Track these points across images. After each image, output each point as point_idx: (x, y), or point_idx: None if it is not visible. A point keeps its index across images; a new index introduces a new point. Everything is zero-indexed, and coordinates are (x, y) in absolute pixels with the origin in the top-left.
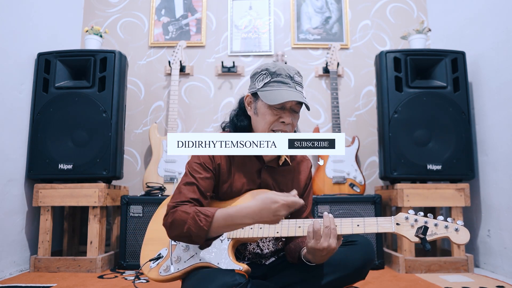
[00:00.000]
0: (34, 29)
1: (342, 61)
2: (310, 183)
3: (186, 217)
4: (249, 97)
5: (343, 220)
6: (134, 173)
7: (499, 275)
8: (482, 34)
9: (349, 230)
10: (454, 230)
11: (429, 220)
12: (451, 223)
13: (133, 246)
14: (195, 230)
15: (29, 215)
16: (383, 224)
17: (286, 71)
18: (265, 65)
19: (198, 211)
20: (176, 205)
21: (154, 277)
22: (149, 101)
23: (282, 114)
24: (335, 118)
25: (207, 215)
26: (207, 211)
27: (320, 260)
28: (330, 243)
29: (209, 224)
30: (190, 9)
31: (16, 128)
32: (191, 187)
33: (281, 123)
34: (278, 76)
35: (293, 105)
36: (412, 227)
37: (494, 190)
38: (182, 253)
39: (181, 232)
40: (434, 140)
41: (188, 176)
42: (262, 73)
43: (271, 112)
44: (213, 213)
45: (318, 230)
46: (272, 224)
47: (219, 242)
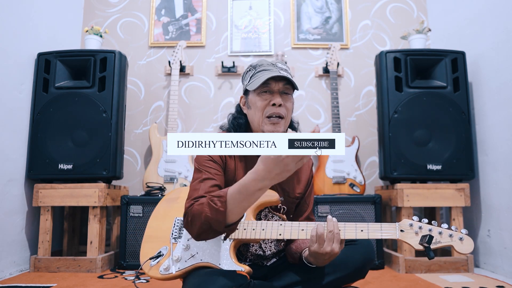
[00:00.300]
0: (34, 29)
1: (342, 61)
2: (312, 181)
3: (201, 207)
4: (242, 98)
5: (346, 224)
6: (134, 173)
7: (499, 275)
8: (482, 34)
9: (352, 235)
10: (458, 239)
11: (433, 228)
12: (455, 232)
13: (133, 246)
14: (213, 215)
15: (29, 215)
16: (387, 230)
17: (268, 61)
18: (250, 64)
19: (211, 196)
20: (193, 202)
21: (154, 275)
22: (149, 101)
23: (271, 98)
24: (335, 118)
25: (220, 196)
26: (220, 192)
27: (322, 263)
28: (333, 247)
29: (224, 204)
30: (190, 9)
31: (16, 128)
32: (208, 182)
33: (273, 106)
34: (261, 66)
35: (281, 87)
36: (416, 234)
37: (494, 190)
38: (182, 252)
39: (201, 224)
40: (434, 140)
41: (201, 172)
42: (247, 71)
43: (260, 98)
44: (226, 192)
45: (321, 235)
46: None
47: (220, 242)
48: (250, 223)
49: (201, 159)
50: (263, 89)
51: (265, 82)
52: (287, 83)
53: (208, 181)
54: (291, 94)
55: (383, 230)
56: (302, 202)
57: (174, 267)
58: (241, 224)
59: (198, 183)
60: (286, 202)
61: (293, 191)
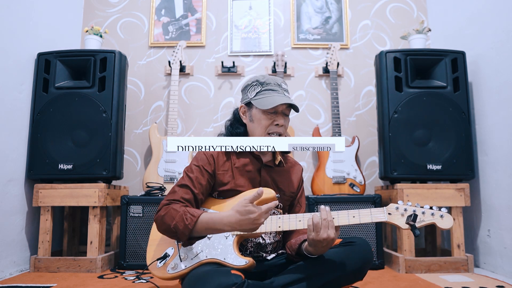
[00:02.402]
0: (34, 29)
1: (342, 61)
2: (302, 185)
3: (175, 214)
4: (243, 107)
5: (339, 212)
6: (134, 173)
7: (499, 275)
8: (482, 34)
9: (345, 221)
10: (439, 217)
11: (417, 208)
12: (436, 211)
13: (133, 246)
14: (180, 227)
15: (29, 215)
16: (376, 214)
17: (274, 80)
18: (255, 78)
19: (186, 211)
20: (169, 203)
21: (162, 275)
22: (149, 101)
23: (275, 118)
24: (335, 118)
25: (193, 215)
26: (194, 212)
27: (321, 251)
28: (329, 233)
29: (193, 223)
30: (190, 9)
31: (16, 128)
32: (185, 190)
33: (276, 125)
34: (268, 85)
35: (284, 109)
36: (402, 216)
37: (494, 190)
38: (188, 250)
39: (169, 227)
40: (434, 140)
41: (184, 178)
42: (253, 85)
43: (265, 117)
44: (199, 214)
45: (317, 223)
46: (252, 231)
47: (224, 239)
48: None
49: (191, 165)
50: (269, 110)
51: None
52: (289, 106)
53: (185, 189)
54: (289, 114)
55: (372, 215)
56: (296, 203)
57: (182, 264)
58: None
59: (177, 187)
60: (281, 199)
61: (288, 189)
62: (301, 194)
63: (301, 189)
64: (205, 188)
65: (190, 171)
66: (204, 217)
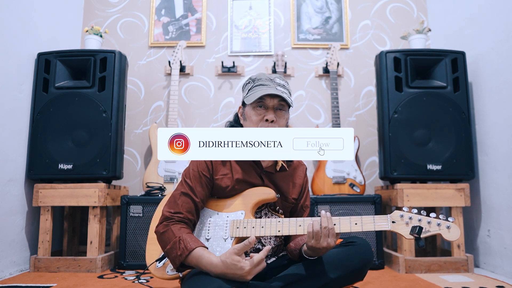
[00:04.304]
0: (34, 29)
1: (342, 61)
2: (307, 186)
3: (171, 238)
4: (240, 108)
5: (341, 218)
6: (134, 173)
7: (499, 275)
8: (482, 34)
9: (347, 229)
10: (445, 228)
11: (422, 218)
12: (443, 221)
13: (133, 246)
14: (173, 253)
15: (29, 215)
16: (380, 222)
17: (266, 76)
18: (250, 76)
19: (182, 239)
20: (171, 218)
21: (161, 276)
22: (149, 101)
23: (265, 113)
24: (335, 118)
25: (186, 247)
26: (188, 244)
27: (320, 255)
28: (329, 242)
29: (185, 255)
30: (190, 9)
31: (16, 128)
32: (186, 198)
33: (265, 121)
34: (259, 80)
35: (276, 104)
36: (407, 225)
37: (494, 190)
38: None
39: (163, 248)
40: (434, 140)
41: (184, 185)
42: (246, 83)
43: (255, 113)
44: (192, 248)
45: (317, 232)
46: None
47: (222, 242)
48: (250, 221)
49: (189, 170)
50: (258, 104)
51: (260, 97)
52: (282, 100)
53: (186, 198)
54: (285, 110)
55: (376, 222)
56: (299, 208)
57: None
58: (241, 222)
59: (178, 196)
60: (283, 205)
61: (290, 195)
62: (306, 197)
63: (305, 192)
64: (204, 194)
65: (189, 178)
66: (196, 253)
